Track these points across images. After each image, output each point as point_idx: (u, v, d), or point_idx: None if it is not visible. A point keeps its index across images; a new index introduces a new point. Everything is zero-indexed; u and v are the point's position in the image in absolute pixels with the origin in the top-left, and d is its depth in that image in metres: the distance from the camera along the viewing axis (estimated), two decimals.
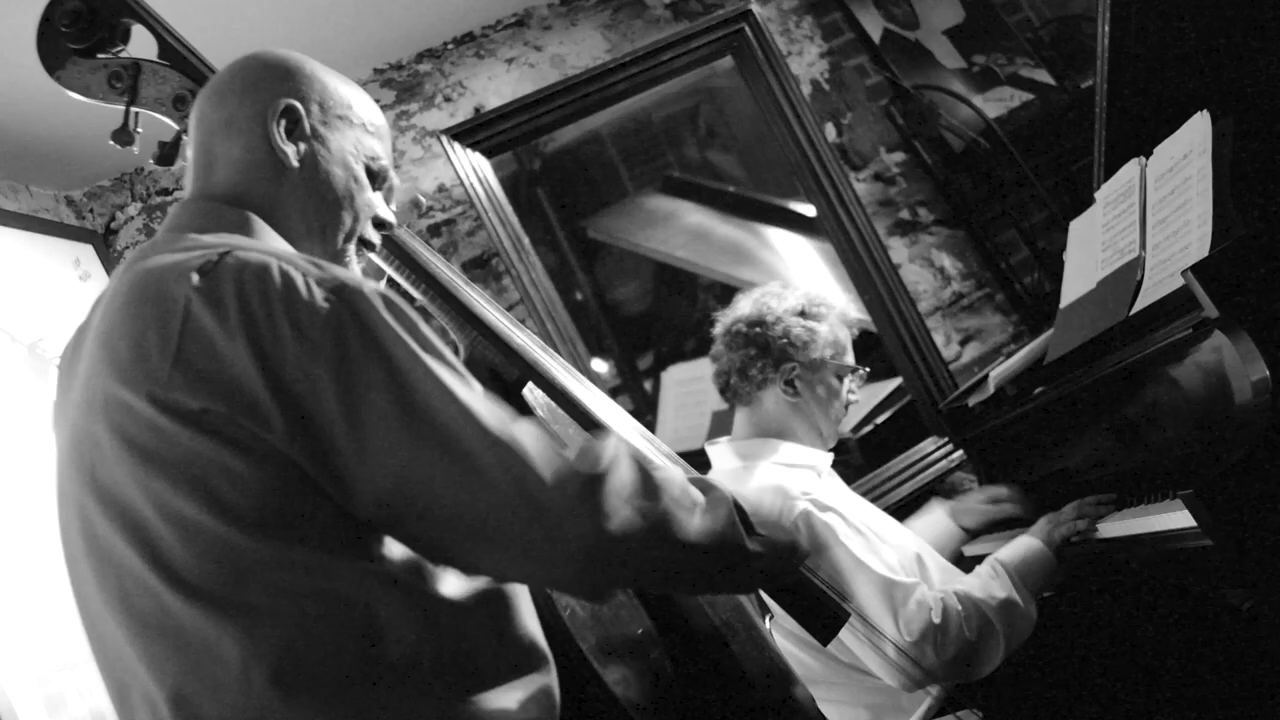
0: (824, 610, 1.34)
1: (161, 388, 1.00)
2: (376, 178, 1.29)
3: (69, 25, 1.42)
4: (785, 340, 2.07)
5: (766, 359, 2.08)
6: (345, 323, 1.01)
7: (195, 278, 1.02)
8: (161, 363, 1.00)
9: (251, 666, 0.97)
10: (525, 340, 1.45)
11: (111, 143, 1.45)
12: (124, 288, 1.09)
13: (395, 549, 1.06)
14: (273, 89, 1.23)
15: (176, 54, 1.47)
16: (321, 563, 1.01)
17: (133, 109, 1.46)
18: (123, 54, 1.47)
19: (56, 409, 1.21)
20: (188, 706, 0.99)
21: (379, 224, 1.30)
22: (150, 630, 1.01)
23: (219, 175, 1.22)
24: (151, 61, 1.47)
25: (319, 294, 1.01)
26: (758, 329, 2.09)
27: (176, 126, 1.46)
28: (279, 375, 0.99)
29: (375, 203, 1.29)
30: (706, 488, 1.19)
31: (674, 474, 1.16)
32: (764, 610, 1.90)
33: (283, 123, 1.21)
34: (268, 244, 1.16)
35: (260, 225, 1.19)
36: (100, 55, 1.45)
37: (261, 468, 0.99)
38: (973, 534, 2.33)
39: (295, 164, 1.22)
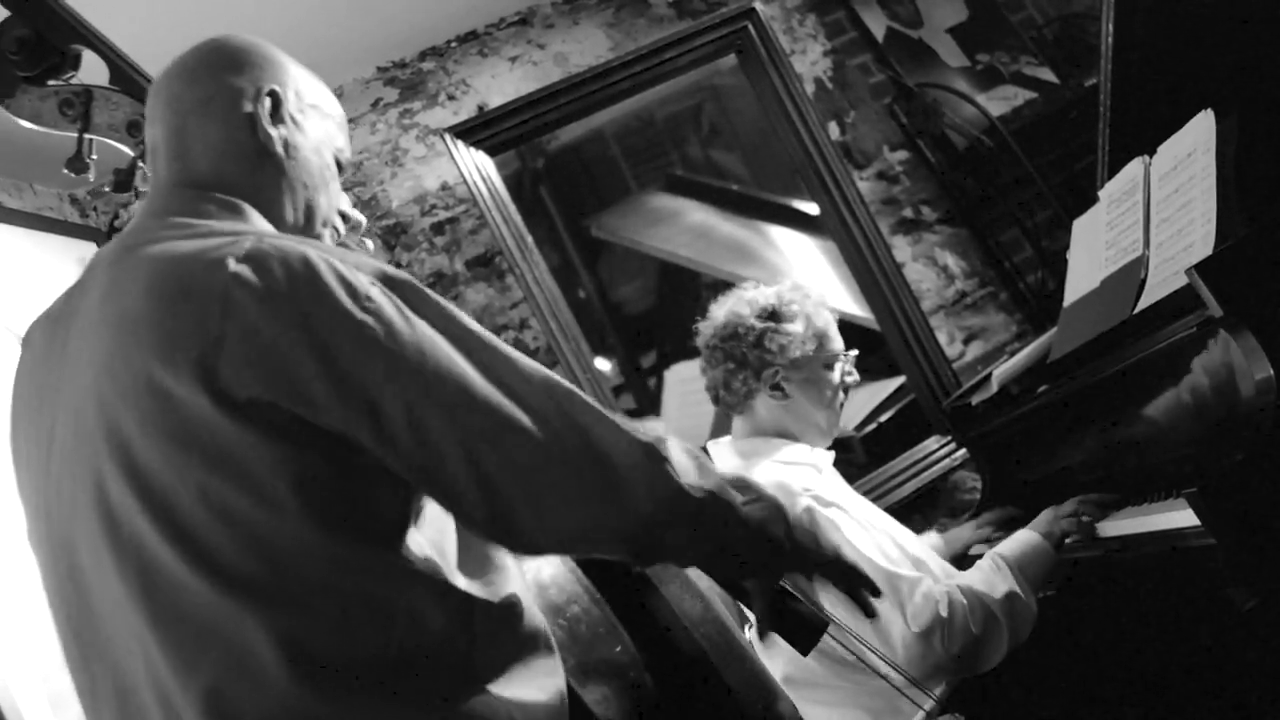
0: (803, 619, 1.33)
1: (208, 375, 0.99)
2: (341, 169, 1.31)
3: (17, 52, 1.39)
4: (759, 349, 2.05)
5: (746, 370, 2.06)
6: (401, 309, 1.02)
7: (232, 263, 1.01)
8: (205, 350, 0.99)
9: (288, 661, 0.97)
10: None
11: (66, 171, 1.42)
12: (137, 276, 1.07)
13: (421, 544, 1.07)
14: (252, 72, 1.22)
15: (128, 79, 1.44)
16: (364, 560, 1.02)
17: (86, 136, 1.42)
18: (73, 80, 1.43)
19: (32, 398, 1.17)
20: (222, 703, 0.98)
21: (343, 217, 1.32)
22: (183, 625, 1.00)
23: (196, 157, 1.20)
24: (103, 88, 1.44)
25: (364, 280, 1.02)
26: (731, 342, 2.07)
27: (131, 153, 1.42)
28: (337, 361, 0.99)
29: (342, 194, 1.31)
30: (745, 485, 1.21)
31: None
32: (745, 621, 1.90)
33: (267, 104, 1.21)
34: (264, 228, 1.16)
35: (254, 214, 1.17)
36: (51, 82, 1.42)
37: (309, 461, 1.00)
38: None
39: (279, 149, 1.21)
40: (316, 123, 1.27)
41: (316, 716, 0.97)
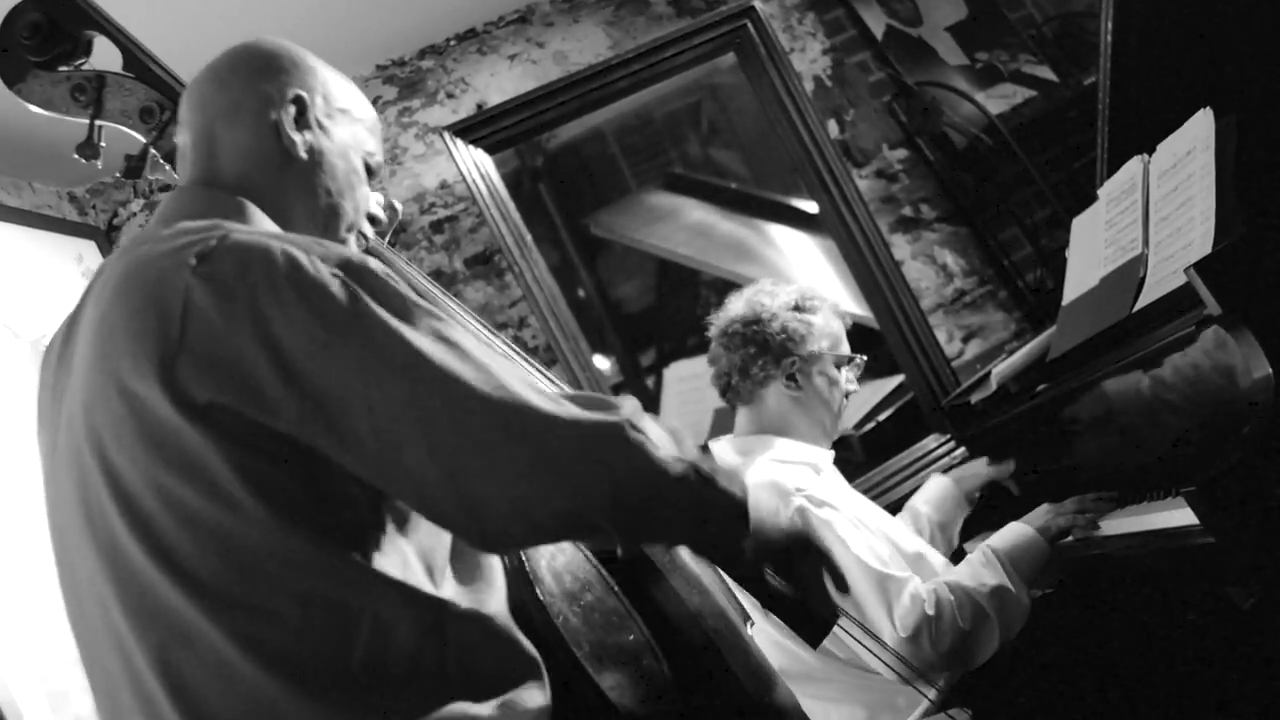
0: (811, 612, 1.34)
1: (168, 378, 0.98)
2: (371, 173, 1.30)
3: (29, 37, 1.39)
4: (784, 335, 2.08)
5: (767, 356, 2.08)
6: (357, 298, 1.00)
7: (194, 262, 1.01)
8: (166, 353, 0.99)
9: (255, 666, 0.97)
10: (502, 348, 1.44)
11: (76, 156, 1.42)
12: (117, 277, 1.08)
13: (399, 550, 1.06)
14: (280, 78, 1.23)
15: (141, 66, 1.43)
16: (327, 563, 1.00)
17: (97, 122, 1.42)
18: (85, 66, 1.43)
19: (47, 401, 1.19)
20: (194, 702, 0.99)
21: (371, 220, 1.31)
22: (154, 626, 1.01)
23: (222, 161, 1.21)
24: (116, 74, 1.44)
25: (325, 270, 1.01)
26: (755, 327, 2.09)
27: (143, 139, 1.42)
28: (290, 358, 0.98)
29: (370, 198, 1.30)
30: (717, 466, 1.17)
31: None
32: (746, 618, 1.91)
33: (292, 110, 1.21)
34: (262, 227, 1.16)
35: (255, 212, 1.17)
36: (62, 68, 1.42)
37: (270, 464, 0.99)
38: (974, 500, 2.34)
39: (303, 154, 1.21)
40: (345, 127, 1.26)
41: (287, 717, 0.97)
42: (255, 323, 0.98)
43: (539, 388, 1.03)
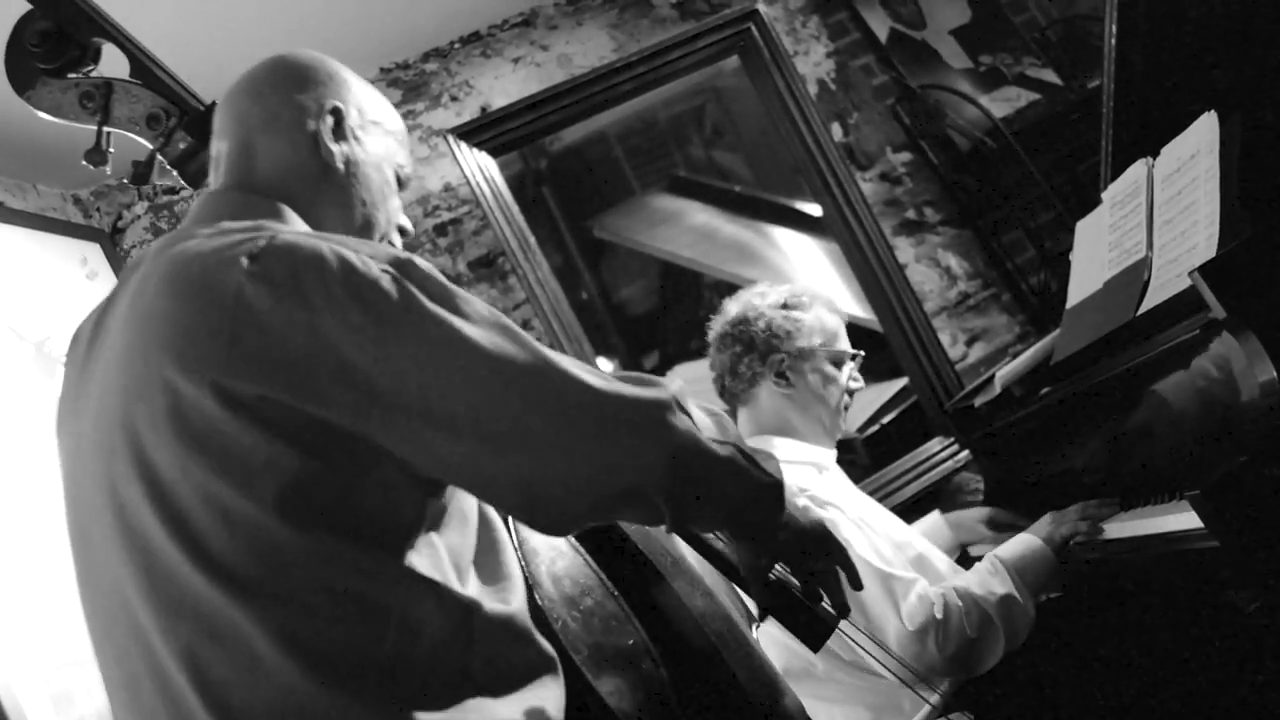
0: (813, 618, 1.34)
1: (220, 374, 1.00)
2: (401, 185, 1.33)
3: (38, 45, 1.41)
4: (768, 333, 2.08)
5: (752, 354, 2.09)
6: (409, 293, 1.02)
7: (245, 262, 1.03)
8: (217, 349, 1.00)
9: (286, 657, 0.98)
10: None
11: (84, 163, 1.44)
12: (160, 273, 1.09)
13: (432, 548, 1.08)
14: (317, 89, 1.25)
15: (148, 73, 1.46)
16: (359, 561, 1.02)
17: (105, 129, 1.44)
18: (94, 73, 1.46)
19: (70, 397, 1.20)
20: (220, 695, 1.00)
21: (400, 231, 1.34)
22: (183, 619, 1.02)
23: (259, 169, 1.23)
24: (123, 80, 1.46)
25: (375, 268, 1.03)
26: (742, 326, 2.11)
27: (150, 145, 1.44)
28: (345, 354, 1.00)
29: (400, 209, 1.33)
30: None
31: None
32: (751, 619, 1.91)
33: (329, 122, 1.24)
34: (300, 229, 1.17)
35: (292, 215, 1.20)
36: (71, 75, 1.44)
37: (311, 460, 1.00)
38: (965, 547, 2.34)
39: (340, 165, 1.24)
40: (378, 139, 1.29)
41: (314, 708, 0.98)
42: (310, 322, 1.00)
43: (587, 366, 1.07)
